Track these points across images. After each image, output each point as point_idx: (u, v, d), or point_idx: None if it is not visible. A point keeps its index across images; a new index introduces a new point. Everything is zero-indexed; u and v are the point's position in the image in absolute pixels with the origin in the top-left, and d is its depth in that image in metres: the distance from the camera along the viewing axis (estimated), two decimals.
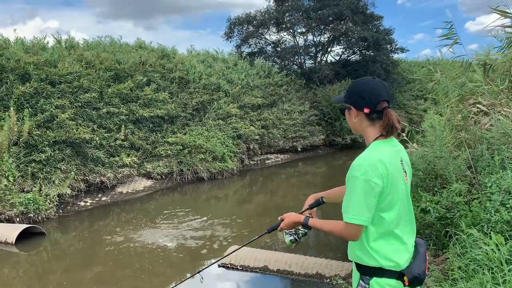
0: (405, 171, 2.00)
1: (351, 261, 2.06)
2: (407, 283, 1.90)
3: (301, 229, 2.19)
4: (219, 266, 5.70)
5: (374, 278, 1.93)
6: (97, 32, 77.90)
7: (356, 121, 2.03)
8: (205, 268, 2.25)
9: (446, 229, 4.38)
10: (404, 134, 7.32)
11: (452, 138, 5.65)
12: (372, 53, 19.67)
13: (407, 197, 2.01)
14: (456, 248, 3.77)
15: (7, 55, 9.65)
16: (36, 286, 5.64)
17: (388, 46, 20.44)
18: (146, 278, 5.52)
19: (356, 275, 2.06)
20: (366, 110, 1.97)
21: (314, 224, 2.09)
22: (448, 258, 3.82)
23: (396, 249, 1.92)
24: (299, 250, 5.91)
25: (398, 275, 1.91)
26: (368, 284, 1.94)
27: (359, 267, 2.00)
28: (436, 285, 3.35)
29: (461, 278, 3.28)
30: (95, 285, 5.32)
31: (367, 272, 1.96)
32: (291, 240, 2.20)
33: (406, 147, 6.38)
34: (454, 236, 3.99)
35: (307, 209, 2.28)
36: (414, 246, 2.03)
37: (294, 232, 2.21)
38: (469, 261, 3.41)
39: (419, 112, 19.19)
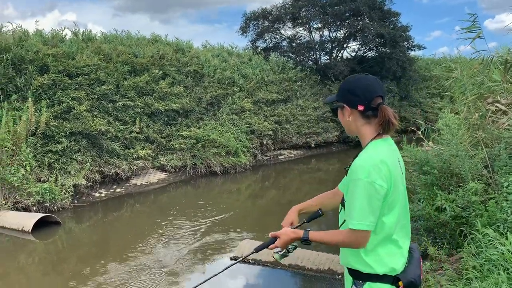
0: (402, 172, 1.93)
1: None
2: None
3: (290, 245, 2.06)
4: (230, 259, 5.74)
5: (368, 283, 1.86)
6: (113, 25, 78.71)
7: (350, 120, 1.94)
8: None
9: (461, 228, 4.34)
10: (419, 133, 7.26)
11: (468, 137, 5.58)
12: (388, 50, 19.47)
13: (405, 199, 1.93)
14: (471, 247, 3.73)
15: (26, 46, 9.79)
16: (51, 273, 5.74)
17: (405, 43, 20.22)
18: (158, 269, 5.59)
19: (348, 279, 1.99)
20: (361, 108, 1.88)
21: (315, 238, 1.93)
22: (463, 257, 3.79)
23: (392, 253, 1.85)
24: (311, 245, 5.91)
25: (393, 280, 1.84)
26: None
27: (352, 271, 1.93)
28: (449, 284, 3.33)
29: (476, 277, 3.25)
30: (108, 274, 5.40)
31: (360, 277, 1.89)
32: (281, 255, 2.08)
33: (421, 146, 6.33)
34: (469, 236, 3.95)
35: (303, 222, 2.16)
36: (408, 251, 1.94)
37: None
38: (484, 261, 3.38)
39: (435, 110, 18.97)
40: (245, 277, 5.30)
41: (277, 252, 2.07)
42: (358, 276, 1.89)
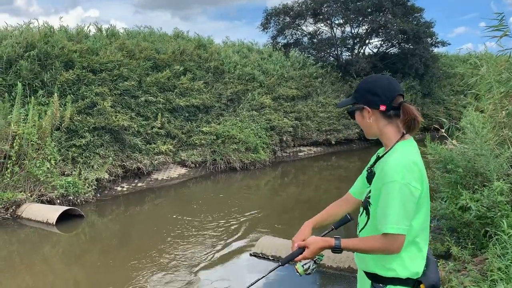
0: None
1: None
2: None
3: (319, 256, 1.92)
4: (250, 255, 5.76)
5: (389, 286, 1.81)
6: (135, 22, 79.66)
7: (371, 122, 1.88)
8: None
9: (486, 229, 4.26)
10: (443, 131, 7.14)
11: (494, 135, 5.47)
12: (411, 47, 19.14)
13: (429, 201, 1.88)
14: (496, 248, 3.66)
15: (52, 42, 9.99)
16: (74, 265, 5.86)
17: (429, 39, 19.85)
18: (178, 262, 5.65)
19: (365, 282, 1.92)
20: (383, 108, 1.84)
21: (348, 245, 1.83)
22: (487, 258, 3.72)
23: (414, 256, 1.80)
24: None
25: (414, 283, 1.80)
26: None
27: (371, 274, 1.88)
28: (473, 285, 3.28)
29: (501, 279, 3.19)
30: (130, 267, 5.49)
31: (381, 280, 1.83)
32: (306, 268, 1.91)
33: (445, 144, 6.22)
34: (494, 236, 3.88)
35: (332, 229, 2.06)
36: None
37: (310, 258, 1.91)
38: (510, 262, 3.31)
39: (459, 108, 18.62)
40: (264, 274, 5.30)
41: (303, 265, 1.92)
42: (378, 279, 1.84)
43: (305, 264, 1.92)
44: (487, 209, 4.26)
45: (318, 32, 20.14)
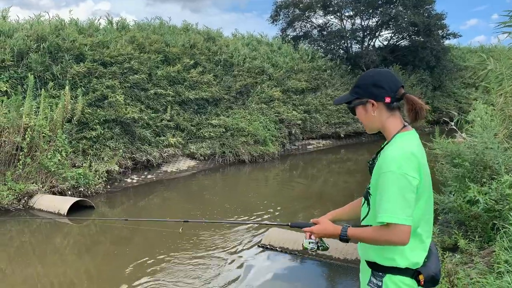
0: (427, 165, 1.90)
1: None
2: (422, 283, 1.81)
3: (324, 243, 2.07)
4: (258, 246, 5.81)
5: (388, 275, 1.83)
6: (146, 14, 79.52)
7: (375, 115, 1.89)
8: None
9: (494, 222, 4.25)
10: (452, 124, 7.10)
11: (504, 128, 5.43)
12: (422, 39, 18.96)
13: (430, 194, 1.89)
14: (503, 241, 3.66)
15: (63, 35, 10.07)
16: (85, 255, 5.96)
17: (440, 31, 19.65)
18: (186, 252, 5.71)
19: (366, 271, 1.95)
20: (388, 100, 1.86)
21: (354, 234, 1.88)
22: (494, 251, 3.72)
23: (414, 247, 1.81)
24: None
25: (413, 273, 1.82)
26: (381, 281, 1.84)
27: (371, 263, 1.91)
28: (480, 278, 3.29)
29: (508, 271, 3.19)
30: (140, 257, 5.56)
31: (380, 268, 1.86)
32: (311, 248, 2.06)
33: (454, 137, 6.19)
34: (502, 229, 3.87)
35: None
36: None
37: (317, 240, 2.06)
38: None
39: (470, 101, 18.44)
40: (272, 265, 5.36)
41: (309, 242, 2.06)
42: (377, 268, 1.87)
43: (310, 243, 2.06)
44: (495, 202, 4.25)
45: (327, 24, 20.05)
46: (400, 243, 1.75)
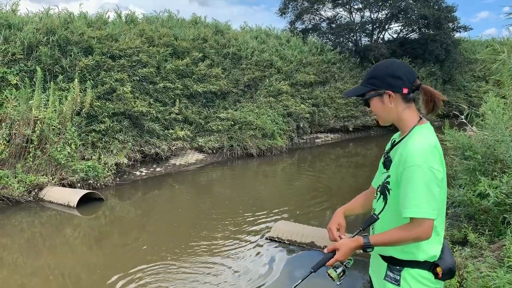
0: None
1: None
2: (440, 275, 1.79)
3: (349, 260, 1.91)
4: (266, 239, 5.82)
5: (405, 268, 1.81)
6: (154, 7, 79.42)
7: (392, 107, 1.85)
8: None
9: (504, 216, 4.21)
10: (462, 117, 7.03)
11: None
12: (432, 32, 18.76)
13: (446, 186, 1.87)
14: None
15: (72, 28, 10.11)
16: (94, 247, 6.01)
17: (450, 24, 19.42)
18: (195, 245, 5.74)
19: (380, 265, 1.91)
20: (405, 91, 1.82)
21: (378, 240, 1.80)
22: (505, 245, 3.69)
23: (431, 240, 1.78)
24: (347, 229, 5.89)
25: (430, 266, 1.80)
26: (399, 275, 1.81)
27: (387, 257, 1.87)
28: (490, 271, 3.26)
29: None
30: (148, 249, 5.60)
31: (398, 262, 1.83)
32: (339, 273, 1.88)
33: (464, 131, 6.13)
34: None
35: (360, 230, 1.98)
36: None
37: (340, 263, 1.89)
38: None
39: (480, 94, 18.25)
40: (281, 258, 5.36)
41: (335, 269, 1.89)
42: (395, 262, 1.84)
43: (337, 268, 1.89)
44: (506, 196, 4.21)
45: (336, 17, 19.90)
46: (425, 238, 1.73)
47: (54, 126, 8.45)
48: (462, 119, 6.93)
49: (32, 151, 8.13)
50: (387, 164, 1.93)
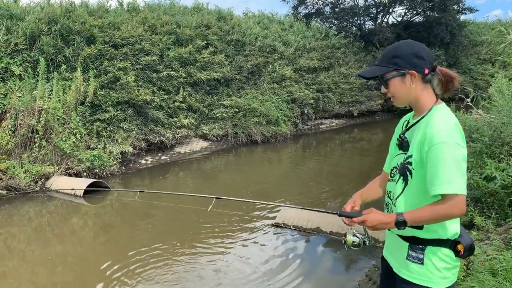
0: None
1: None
2: (462, 252, 1.79)
3: (369, 238, 1.95)
4: (272, 225, 5.84)
5: (428, 247, 1.80)
6: None
7: (413, 87, 1.84)
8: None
9: (511, 199, 4.19)
10: (468, 100, 6.97)
11: None
12: (437, 14, 18.50)
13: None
14: None
15: (73, 17, 10.06)
16: (101, 235, 6.06)
17: (455, 6, 19.13)
18: (200, 230, 5.77)
19: (400, 246, 1.90)
20: (426, 71, 1.82)
21: (413, 217, 1.74)
22: (511, 228, 3.68)
23: None
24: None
25: (451, 244, 1.80)
26: (423, 253, 1.81)
27: (408, 237, 1.85)
28: (497, 254, 3.26)
29: None
30: (154, 236, 5.64)
31: (420, 241, 1.82)
32: (354, 242, 1.92)
33: (470, 114, 6.08)
34: None
35: None
36: None
37: (363, 235, 1.92)
38: None
39: (486, 77, 18.08)
40: (287, 243, 5.38)
41: (354, 235, 1.93)
42: (417, 241, 1.83)
43: (355, 236, 1.92)
44: None
45: (340, 1, 19.64)
46: (460, 214, 1.71)
47: (59, 116, 8.46)
48: (468, 102, 6.87)
49: (38, 141, 8.16)
50: (404, 146, 1.92)
